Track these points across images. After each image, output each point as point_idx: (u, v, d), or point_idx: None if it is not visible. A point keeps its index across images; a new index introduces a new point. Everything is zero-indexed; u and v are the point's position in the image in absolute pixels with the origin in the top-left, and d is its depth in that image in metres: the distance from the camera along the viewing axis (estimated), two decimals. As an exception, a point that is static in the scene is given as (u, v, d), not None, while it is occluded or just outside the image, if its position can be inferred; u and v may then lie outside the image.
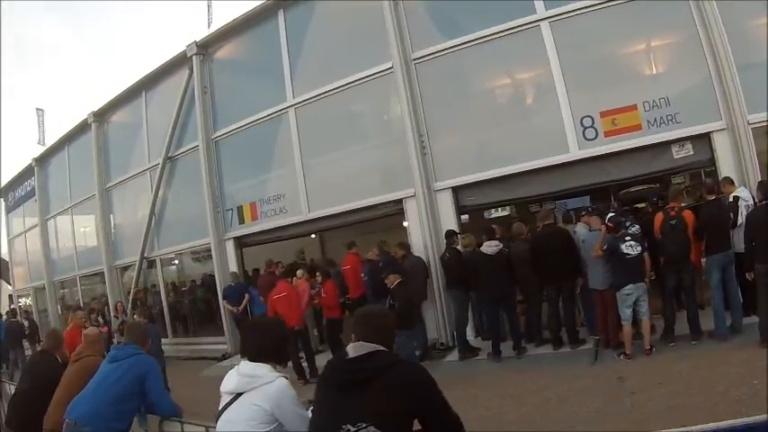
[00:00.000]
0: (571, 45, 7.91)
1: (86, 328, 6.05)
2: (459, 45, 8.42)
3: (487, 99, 8.67)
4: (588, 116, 7.77)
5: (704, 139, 7.40)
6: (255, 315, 9.21)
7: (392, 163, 9.01)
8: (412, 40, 8.68)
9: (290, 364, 7.22)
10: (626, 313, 6.20)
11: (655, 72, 7.92)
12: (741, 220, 6.22)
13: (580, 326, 7.36)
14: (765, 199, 5.84)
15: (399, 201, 8.80)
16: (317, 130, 9.79)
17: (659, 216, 6.59)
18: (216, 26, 11.22)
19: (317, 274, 8.56)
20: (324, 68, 9.65)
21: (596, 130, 7.76)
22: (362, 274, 8.47)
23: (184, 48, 11.20)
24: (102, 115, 13.97)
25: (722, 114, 7.26)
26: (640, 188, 9.89)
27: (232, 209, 10.86)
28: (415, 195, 8.54)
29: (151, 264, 12.86)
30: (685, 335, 6.35)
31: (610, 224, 6.38)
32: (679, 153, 7.57)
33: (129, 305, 12.15)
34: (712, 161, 7.39)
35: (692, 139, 7.42)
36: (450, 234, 7.92)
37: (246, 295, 10.07)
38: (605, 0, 7.69)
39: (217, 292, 10.92)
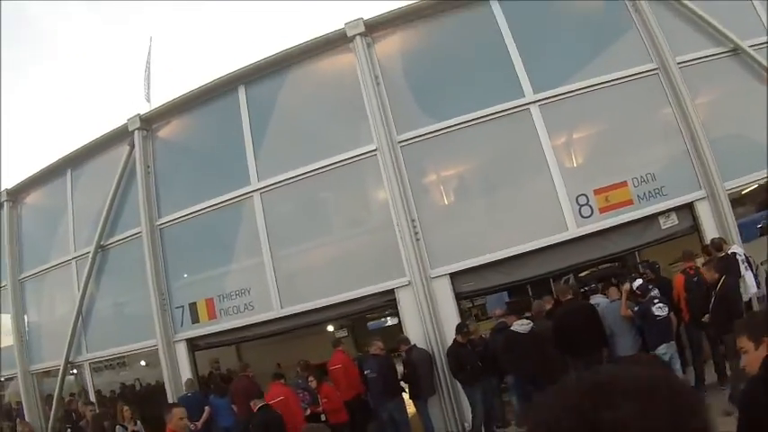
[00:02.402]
0: (560, 127, 8.04)
1: None
2: (445, 128, 8.09)
3: (478, 182, 8.33)
4: (583, 194, 7.88)
5: (686, 209, 7.87)
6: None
7: (378, 251, 8.25)
8: (396, 121, 8.18)
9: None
10: None
11: (640, 149, 8.08)
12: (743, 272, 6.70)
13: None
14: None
15: (389, 291, 7.96)
16: (284, 217, 8.84)
17: (680, 277, 7.12)
18: (161, 100, 10.04)
19: (311, 378, 7.37)
20: (291, 149, 8.84)
21: (591, 208, 7.90)
22: (366, 371, 7.40)
23: (125, 121, 9.82)
24: (16, 194, 11.86)
25: (701, 184, 7.83)
26: (602, 267, 10.30)
27: (183, 306, 9.31)
28: (410, 284, 7.78)
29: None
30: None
31: (638, 291, 6.76)
32: (666, 223, 7.92)
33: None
34: (694, 228, 7.86)
35: (676, 209, 7.84)
36: (461, 326, 7.30)
37: (207, 408, 8.44)
38: (591, 85, 7.99)
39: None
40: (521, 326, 6.94)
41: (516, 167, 8.22)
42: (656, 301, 6.60)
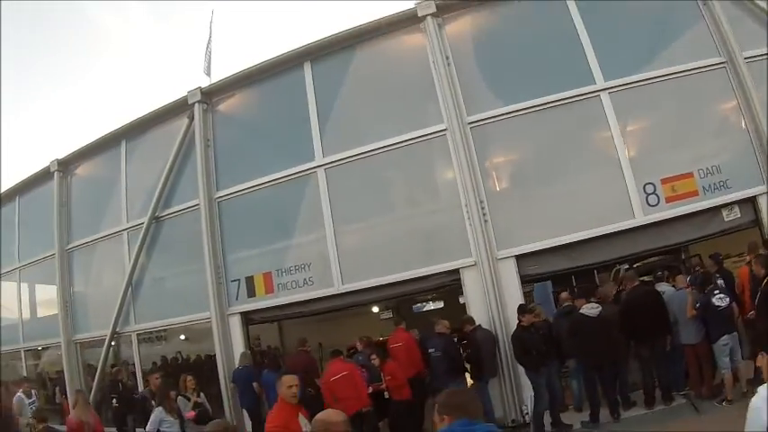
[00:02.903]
0: (629, 115, 8.09)
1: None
2: (515, 111, 8.15)
3: (546, 166, 8.33)
4: (650, 183, 7.89)
5: (749, 203, 7.88)
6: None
7: (443, 231, 8.30)
8: (466, 102, 8.24)
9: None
10: (725, 362, 6.57)
11: (705, 141, 8.15)
12: None
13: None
14: None
15: (454, 271, 8.02)
16: (348, 194, 8.87)
17: (744, 269, 7.10)
18: (222, 75, 10.06)
19: (373, 356, 7.42)
20: (357, 127, 8.88)
21: (658, 197, 7.90)
22: (431, 349, 7.45)
23: (185, 93, 9.88)
24: (67, 164, 11.92)
25: (764, 179, 7.81)
26: (653, 260, 10.19)
27: (239, 279, 9.38)
28: (476, 264, 7.83)
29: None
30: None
31: (693, 286, 7.07)
32: (728, 216, 7.94)
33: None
34: (756, 222, 7.83)
35: (739, 202, 7.85)
36: (524, 307, 7.33)
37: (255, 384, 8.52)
38: (660, 75, 8.03)
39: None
40: (590, 309, 6.94)
41: (584, 153, 8.25)
42: (716, 292, 6.72)
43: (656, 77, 8.06)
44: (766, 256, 6.61)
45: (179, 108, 10.19)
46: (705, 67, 8.15)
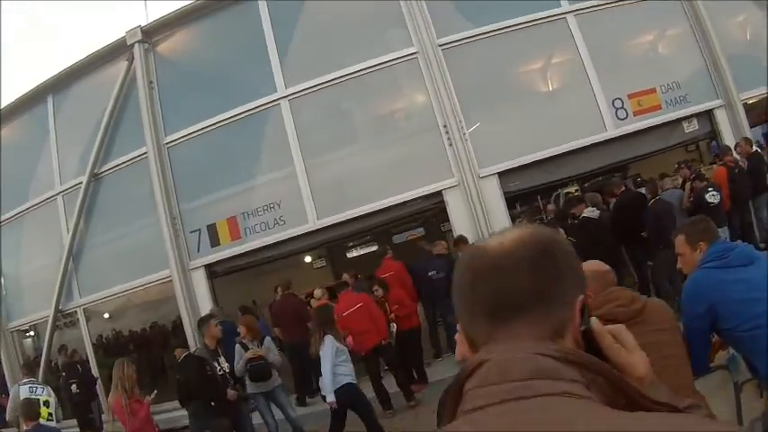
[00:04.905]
0: (595, 36, 8.24)
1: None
2: (484, 33, 8.04)
3: (519, 85, 8.33)
4: (618, 98, 8.11)
5: (706, 116, 8.38)
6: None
7: (420, 155, 8.01)
8: (435, 25, 7.98)
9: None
10: None
11: (666, 60, 8.55)
12: None
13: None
14: None
15: (437, 193, 7.76)
16: (316, 124, 8.38)
17: (722, 169, 7.59)
18: (160, 13, 9.11)
19: (375, 287, 6.91)
20: (320, 55, 8.35)
21: (626, 111, 8.16)
22: (431, 272, 7.03)
23: (123, 34, 8.86)
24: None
25: (719, 94, 8.30)
26: (595, 180, 10.89)
27: (199, 229, 8.54)
28: (459, 185, 7.60)
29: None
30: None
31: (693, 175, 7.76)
32: (688, 128, 8.41)
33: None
34: (712, 133, 8.52)
35: (697, 115, 8.31)
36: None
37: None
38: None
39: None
40: (591, 212, 6.99)
41: (555, 73, 8.36)
42: (710, 189, 7.01)
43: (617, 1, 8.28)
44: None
45: (115, 52, 9.13)
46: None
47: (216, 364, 5.31)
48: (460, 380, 0.72)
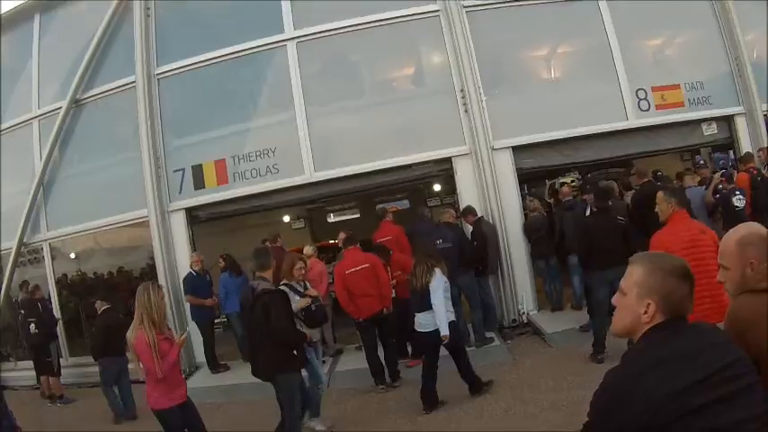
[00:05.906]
0: (627, 26, 7.87)
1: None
2: (515, 2, 7.60)
3: (543, 61, 7.93)
4: (642, 89, 7.78)
5: (725, 122, 8.08)
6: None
7: (432, 118, 7.52)
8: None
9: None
10: None
11: (694, 60, 8.31)
12: None
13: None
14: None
15: (446, 160, 7.28)
16: (323, 72, 7.86)
17: (744, 175, 7.05)
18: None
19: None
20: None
21: (649, 103, 7.84)
22: (438, 241, 6.44)
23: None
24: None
25: (741, 101, 8.02)
26: (598, 172, 10.43)
27: (183, 169, 7.88)
28: (470, 153, 7.15)
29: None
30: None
31: (723, 178, 6.99)
32: (708, 131, 8.10)
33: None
34: (730, 139, 8.12)
35: (718, 119, 8.02)
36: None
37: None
38: None
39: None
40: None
41: (582, 54, 7.99)
42: (737, 192, 6.70)
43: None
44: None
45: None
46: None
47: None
48: None
